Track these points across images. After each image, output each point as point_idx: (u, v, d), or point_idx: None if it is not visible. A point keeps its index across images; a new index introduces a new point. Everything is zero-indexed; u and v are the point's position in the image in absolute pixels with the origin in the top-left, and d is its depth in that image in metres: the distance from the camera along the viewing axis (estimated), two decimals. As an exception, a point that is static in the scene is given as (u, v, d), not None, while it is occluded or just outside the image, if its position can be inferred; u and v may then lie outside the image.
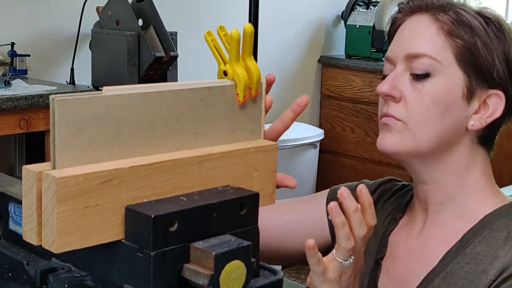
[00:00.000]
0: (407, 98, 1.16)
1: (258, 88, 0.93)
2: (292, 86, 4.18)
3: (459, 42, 1.14)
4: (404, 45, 1.18)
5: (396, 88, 1.17)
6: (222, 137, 0.90)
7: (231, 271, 0.76)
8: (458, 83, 1.15)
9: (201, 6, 3.71)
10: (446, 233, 1.18)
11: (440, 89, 1.15)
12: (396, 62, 1.19)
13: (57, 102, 0.75)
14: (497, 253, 1.12)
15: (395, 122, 1.17)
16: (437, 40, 1.15)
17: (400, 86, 1.17)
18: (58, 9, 3.20)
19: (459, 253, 1.15)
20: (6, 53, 2.96)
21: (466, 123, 1.16)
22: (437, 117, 1.15)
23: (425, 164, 1.18)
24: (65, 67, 3.13)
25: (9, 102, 2.50)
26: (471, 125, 1.16)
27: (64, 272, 0.84)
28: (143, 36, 2.91)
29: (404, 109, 1.16)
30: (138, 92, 0.82)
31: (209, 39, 0.95)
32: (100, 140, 0.79)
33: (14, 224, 0.91)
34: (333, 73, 4.17)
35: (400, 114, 1.16)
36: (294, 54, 4.18)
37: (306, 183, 3.71)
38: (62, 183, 0.74)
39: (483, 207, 1.17)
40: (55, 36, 3.21)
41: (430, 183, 1.19)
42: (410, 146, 1.16)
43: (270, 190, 0.93)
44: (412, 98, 1.16)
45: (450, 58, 1.15)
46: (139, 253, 0.76)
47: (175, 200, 0.80)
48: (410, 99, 1.16)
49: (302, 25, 4.20)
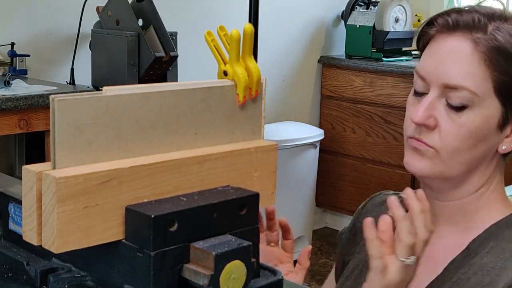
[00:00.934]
0: (442, 128, 1.12)
1: (258, 88, 0.93)
2: (292, 86, 4.18)
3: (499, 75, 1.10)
4: (441, 70, 1.12)
5: (431, 116, 1.12)
6: (222, 137, 0.90)
7: (231, 271, 0.76)
8: (495, 114, 1.12)
9: (201, 6, 3.71)
10: (452, 241, 1.17)
11: (476, 122, 1.11)
12: (430, 84, 1.13)
13: (57, 102, 0.75)
14: (504, 264, 1.10)
15: (427, 149, 1.13)
16: (478, 72, 1.10)
17: (435, 113, 1.12)
18: (58, 9, 3.19)
19: (465, 262, 1.14)
20: (6, 53, 2.96)
21: (497, 147, 1.14)
22: (471, 148, 1.12)
23: (448, 185, 1.17)
24: (65, 67, 3.13)
25: (9, 102, 2.50)
26: (502, 149, 1.15)
27: (64, 272, 0.84)
28: (143, 36, 2.91)
29: (438, 138, 1.12)
30: (138, 92, 0.82)
31: (209, 39, 0.94)
32: (100, 140, 0.79)
33: (14, 224, 0.91)
34: (334, 73, 4.17)
35: (433, 142, 1.13)
36: (294, 54, 4.17)
37: (306, 183, 3.71)
38: (62, 183, 0.74)
39: (492, 216, 1.16)
40: (55, 36, 3.21)
41: (448, 200, 1.18)
42: (439, 172, 1.14)
43: (270, 190, 0.93)
44: (447, 128, 1.12)
45: (489, 90, 1.11)
46: (139, 253, 0.76)
47: (175, 200, 0.80)
48: (445, 129, 1.12)
49: (302, 25, 4.20)
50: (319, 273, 3.63)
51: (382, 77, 3.90)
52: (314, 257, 3.83)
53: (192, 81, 0.89)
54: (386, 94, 3.88)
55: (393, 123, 3.79)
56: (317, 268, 3.69)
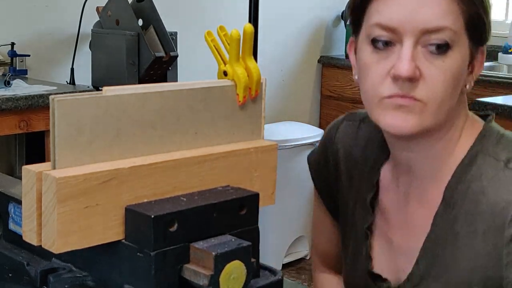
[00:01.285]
0: (427, 77, 1.04)
1: (258, 88, 0.93)
2: (292, 86, 4.18)
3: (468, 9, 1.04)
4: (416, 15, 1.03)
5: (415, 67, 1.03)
6: (222, 137, 0.90)
7: (231, 271, 0.76)
8: (467, 53, 1.06)
9: (201, 6, 3.71)
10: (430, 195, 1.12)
11: (458, 63, 1.05)
12: (404, 34, 1.04)
13: (57, 102, 0.75)
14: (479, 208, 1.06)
15: (415, 103, 1.04)
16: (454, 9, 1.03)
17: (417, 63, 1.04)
18: (58, 9, 3.19)
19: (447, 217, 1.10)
20: (6, 53, 2.96)
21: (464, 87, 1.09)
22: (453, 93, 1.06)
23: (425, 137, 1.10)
24: (65, 67, 3.13)
25: (9, 102, 2.50)
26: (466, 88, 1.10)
27: (64, 273, 0.84)
28: (143, 36, 2.91)
29: (424, 89, 1.04)
30: (138, 92, 0.82)
31: (209, 39, 0.95)
32: (100, 140, 0.79)
33: (14, 224, 0.91)
34: (333, 73, 4.17)
35: (420, 95, 1.04)
36: (294, 54, 4.17)
37: (306, 183, 3.70)
38: (62, 183, 0.74)
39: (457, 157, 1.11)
40: (55, 36, 3.21)
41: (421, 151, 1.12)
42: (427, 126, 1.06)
43: (270, 190, 0.93)
44: (433, 76, 1.04)
45: (462, 26, 1.05)
46: (139, 253, 0.76)
47: (175, 200, 0.80)
48: (431, 78, 1.04)
49: (302, 25, 4.20)
50: (319, 273, 3.63)
51: (382, 77, 3.91)
52: (314, 257, 3.83)
53: (192, 81, 0.90)
54: (386, 94, 3.89)
55: (393, 123, 3.79)
56: (317, 268, 3.69)
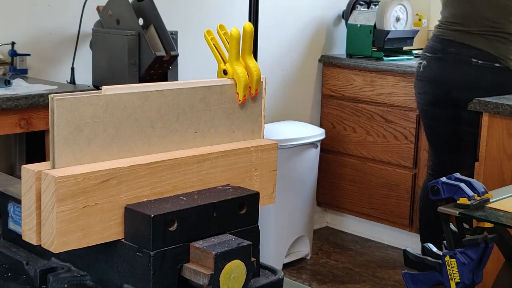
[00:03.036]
0: None
1: (258, 87, 0.93)
2: (293, 86, 4.17)
3: None
4: None
5: None
6: (222, 136, 0.90)
7: (231, 270, 0.75)
8: None
9: (202, 6, 3.71)
10: None
11: None
12: None
13: (56, 101, 0.75)
14: None
15: None
16: None
17: None
18: (59, 9, 3.19)
19: None
20: (7, 52, 2.96)
21: None
22: None
23: None
24: (66, 66, 3.13)
25: (9, 101, 2.50)
26: None
27: (63, 272, 0.84)
28: (144, 36, 2.91)
29: None
30: (137, 91, 0.82)
31: (208, 38, 0.94)
32: (100, 139, 0.79)
33: (14, 223, 0.91)
34: (334, 73, 4.17)
35: None
36: (295, 53, 4.17)
37: (306, 183, 3.70)
38: (61, 182, 0.73)
39: None
40: (56, 35, 3.21)
41: None
42: None
43: (270, 190, 0.93)
44: None
45: None
46: (138, 253, 0.76)
47: (174, 200, 0.80)
48: None
49: (303, 25, 4.19)
50: (319, 273, 3.62)
51: (382, 77, 3.90)
52: (315, 257, 3.83)
53: (192, 80, 0.89)
54: (386, 93, 3.88)
55: (393, 122, 3.79)
56: (317, 268, 3.69)
